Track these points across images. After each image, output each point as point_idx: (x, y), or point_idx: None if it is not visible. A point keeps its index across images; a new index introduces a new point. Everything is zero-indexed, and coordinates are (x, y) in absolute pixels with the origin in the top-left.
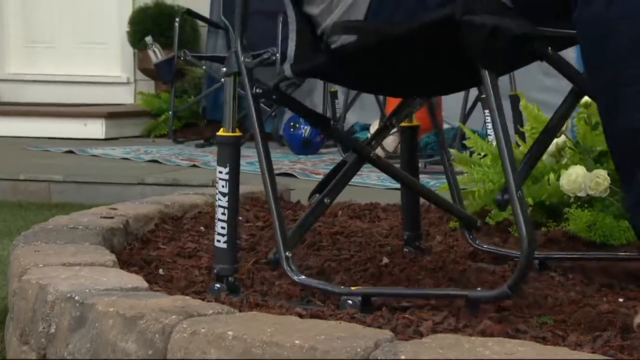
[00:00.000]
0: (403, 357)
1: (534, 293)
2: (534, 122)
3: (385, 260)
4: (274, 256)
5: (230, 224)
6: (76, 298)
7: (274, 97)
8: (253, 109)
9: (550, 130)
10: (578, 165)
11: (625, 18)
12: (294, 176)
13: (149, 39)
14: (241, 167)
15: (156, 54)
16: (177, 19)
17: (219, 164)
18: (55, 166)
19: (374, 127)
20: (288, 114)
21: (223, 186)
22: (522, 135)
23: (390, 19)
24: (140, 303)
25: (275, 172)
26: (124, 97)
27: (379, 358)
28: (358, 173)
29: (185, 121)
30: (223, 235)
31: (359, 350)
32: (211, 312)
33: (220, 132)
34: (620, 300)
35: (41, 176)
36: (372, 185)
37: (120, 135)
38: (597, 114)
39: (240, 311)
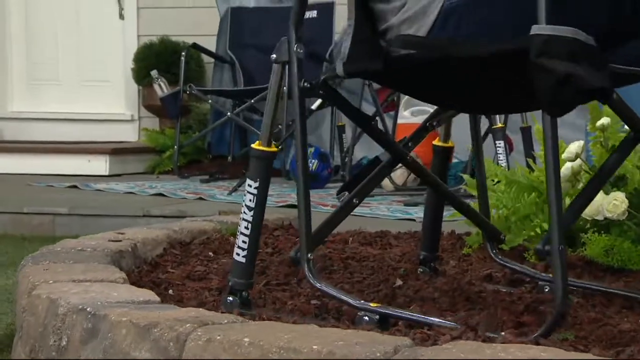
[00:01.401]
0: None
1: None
2: None
3: (399, 282)
4: (295, 254)
5: (252, 239)
6: (88, 309)
7: (320, 92)
8: (298, 102)
9: (601, 179)
10: None
11: None
12: None
13: (154, 73)
14: None
15: (162, 88)
16: (183, 53)
17: (249, 177)
18: (59, 200)
19: None
20: (295, 148)
21: (250, 200)
22: (534, 160)
23: (455, 34)
24: (153, 313)
25: (283, 204)
26: (128, 134)
27: None
28: (367, 204)
29: (190, 157)
30: (243, 249)
31: (378, 354)
32: (226, 321)
33: (256, 145)
34: None
35: (45, 209)
36: (382, 216)
37: (124, 172)
38: (614, 138)
39: None
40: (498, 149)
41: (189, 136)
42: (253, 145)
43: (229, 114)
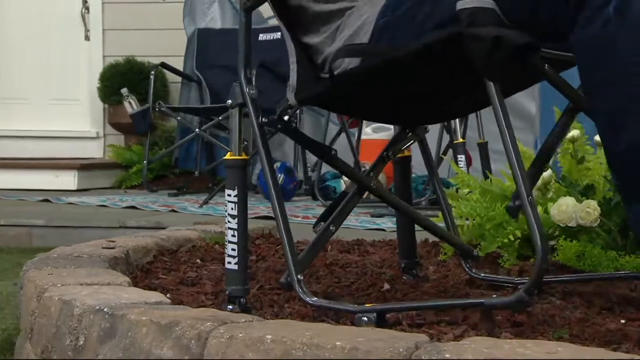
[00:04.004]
0: (448, 356)
1: (541, 313)
2: None
3: (387, 286)
4: (285, 280)
5: (241, 246)
6: (105, 310)
7: (278, 126)
8: (259, 137)
9: (550, 145)
10: (568, 197)
11: (624, 38)
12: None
13: (125, 90)
14: (220, 212)
15: (132, 105)
16: (152, 72)
17: (227, 187)
18: (35, 212)
19: None
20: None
21: (232, 208)
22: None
23: (391, 42)
24: (172, 312)
25: (254, 215)
26: (93, 151)
27: (422, 357)
28: None
29: (156, 173)
30: (234, 257)
31: (401, 350)
32: (243, 320)
33: (228, 156)
34: (622, 321)
35: (22, 221)
36: (352, 226)
37: (92, 187)
38: (583, 149)
39: None
40: (459, 163)
41: (155, 152)
42: (226, 157)
43: (197, 130)
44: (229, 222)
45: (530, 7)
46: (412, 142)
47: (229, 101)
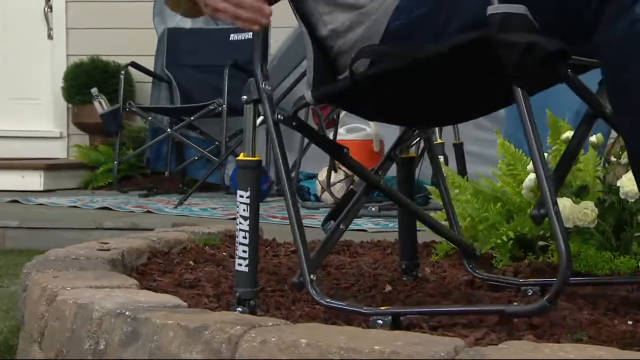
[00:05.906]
0: (491, 359)
1: (551, 314)
2: (511, 159)
3: (389, 287)
4: (297, 280)
5: (252, 247)
6: (127, 313)
7: (293, 124)
8: (274, 134)
9: (571, 152)
10: (564, 197)
11: None
12: None
13: (94, 90)
14: (196, 212)
15: (102, 105)
16: (122, 72)
17: (240, 188)
18: (6, 213)
19: (321, 175)
20: (233, 163)
21: (244, 210)
22: (465, 176)
23: (411, 42)
24: (197, 316)
25: (232, 216)
26: (57, 151)
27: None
28: (314, 217)
29: (124, 173)
30: (244, 258)
31: (442, 354)
32: (270, 323)
33: (241, 157)
34: (630, 322)
35: None
36: None
37: (58, 187)
38: None
39: None
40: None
41: (123, 153)
42: (238, 158)
43: (169, 130)
44: (240, 223)
45: (557, 6)
46: (418, 139)
47: (244, 97)
